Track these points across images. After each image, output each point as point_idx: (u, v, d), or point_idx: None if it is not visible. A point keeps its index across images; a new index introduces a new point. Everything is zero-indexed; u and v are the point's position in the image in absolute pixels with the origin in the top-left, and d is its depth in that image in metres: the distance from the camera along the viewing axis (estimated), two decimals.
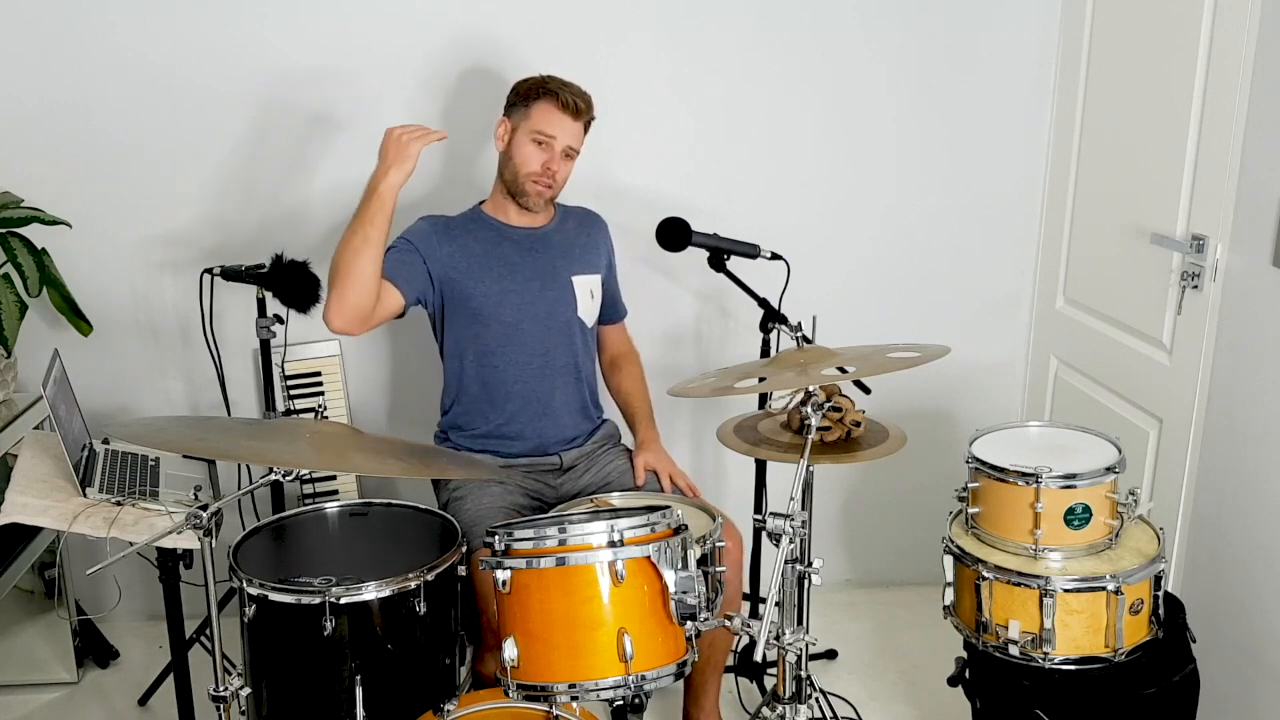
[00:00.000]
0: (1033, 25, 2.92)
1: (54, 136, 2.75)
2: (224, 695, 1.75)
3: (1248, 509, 2.23)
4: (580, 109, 2.35)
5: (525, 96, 2.36)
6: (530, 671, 1.71)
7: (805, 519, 1.82)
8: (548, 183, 2.37)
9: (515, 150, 2.36)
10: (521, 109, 2.36)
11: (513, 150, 2.37)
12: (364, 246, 2.16)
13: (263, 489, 2.36)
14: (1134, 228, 2.58)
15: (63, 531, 2.14)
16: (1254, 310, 2.20)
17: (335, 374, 2.90)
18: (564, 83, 2.36)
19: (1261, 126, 2.16)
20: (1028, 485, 2.01)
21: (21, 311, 2.58)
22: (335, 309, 2.18)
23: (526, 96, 2.35)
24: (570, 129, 2.35)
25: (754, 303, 2.53)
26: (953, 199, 3.04)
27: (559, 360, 2.46)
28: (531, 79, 2.38)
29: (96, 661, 2.87)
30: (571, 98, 2.33)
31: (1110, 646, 1.99)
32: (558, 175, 2.38)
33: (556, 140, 2.34)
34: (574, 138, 2.37)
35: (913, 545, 3.20)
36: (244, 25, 2.73)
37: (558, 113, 2.33)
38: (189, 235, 2.85)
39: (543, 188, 2.38)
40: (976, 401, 3.17)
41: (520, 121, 2.36)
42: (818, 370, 1.99)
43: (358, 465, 1.88)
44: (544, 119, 2.33)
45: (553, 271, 2.45)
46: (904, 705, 2.71)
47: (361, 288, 2.17)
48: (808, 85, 2.92)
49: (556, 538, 1.71)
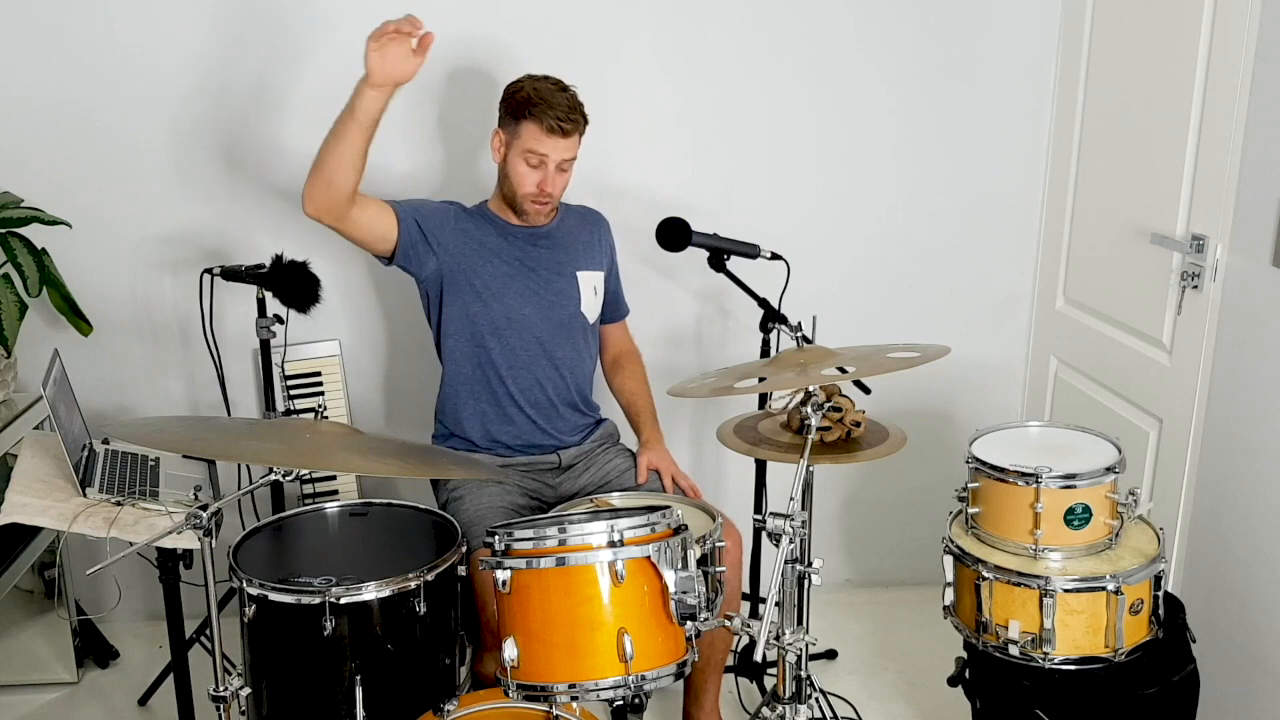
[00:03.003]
0: (1033, 26, 2.92)
1: (54, 136, 2.75)
2: (224, 695, 1.75)
3: (1248, 509, 2.23)
4: (567, 129, 2.30)
5: (513, 113, 2.31)
6: (530, 671, 1.71)
7: (805, 519, 1.82)
8: (544, 200, 2.37)
9: (510, 167, 2.35)
10: (511, 125, 2.33)
11: (508, 167, 2.35)
12: (334, 137, 2.08)
13: (263, 489, 2.36)
14: (1134, 228, 2.58)
15: (63, 531, 2.14)
16: (1254, 310, 2.20)
17: (335, 374, 2.90)
18: (549, 101, 2.28)
19: (1261, 126, 2.16)
20: (1028, 485, 2.01)
21: (21, 311, 2.58)
22: (307, 192, 2.13)
23: (515, 113, 2.31)
24: (561, 145, 2.31)
25: (754, 303, 2.53)
26: (953, 199, 3.04)
27: (556, 351, 2.46)
28: (518, 91, 2.32)
29: (96, 661, 2.87)
30: (556, 121, 2.27)
31: (1110, 646, 1.99)
32: (554, 192, 2.37)
33: (549, 158, 2.32)
34: (567, 151, 2.33)
35: (913, 545, 3.20)
36: (245, 27, 2.73)
37: (545, 136, 2.29)
38: (189, 235, 2.86)
39: (540, 206, 2.38)
40: (976, 401, 3.17)
41: (512, 139, 2.33)
42: (818, 370, 1.99)
43: (358, 465, 1.87)
44: (533, 140, 2.30)
45: (557, 265, 2.46)
46: (904, 705, 2.71)
47: (331, 176, 2.09)
48: (808, 85, 2.92)
49: (556, 538, 1.71)
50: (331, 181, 2.10)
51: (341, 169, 2.09)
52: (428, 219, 2.35)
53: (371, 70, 2.02)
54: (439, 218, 2.37)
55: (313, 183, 2.12)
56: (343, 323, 2.95)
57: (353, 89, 2.06)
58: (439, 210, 2.39)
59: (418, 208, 2.36)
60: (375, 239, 2.28)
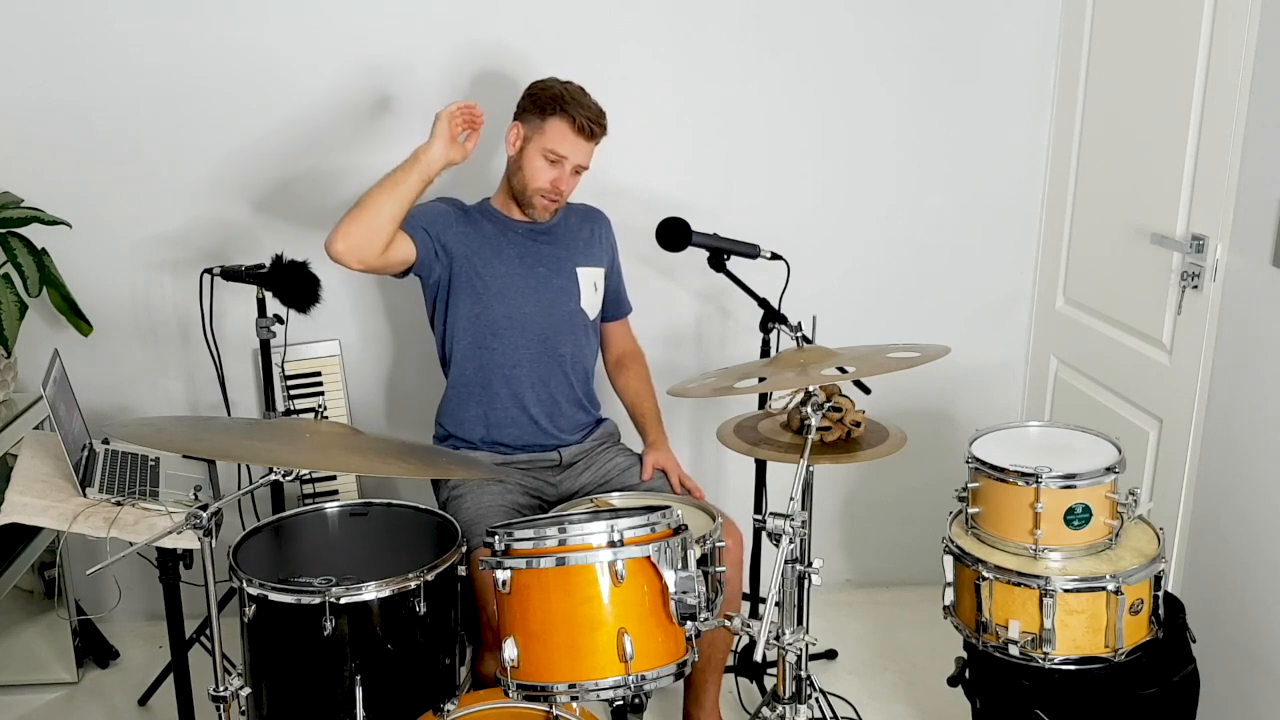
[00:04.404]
0: (1033, 26, 2.92)
1: (55, 136, 2.75)
2: (224, 695, 1.75)
3: (1248, 509, 2.23)
4: (594, 132, 2.33)
5: (541, 109, 2.32)
6: (530, 671, 1.71)
7: (805, 519, 1.82)
8: (554, 198, 2.38)
9: (526, 161, 2.35)
10: (535, 120, 2.33)
11: (523, 160, 2.36)
12: (388, 194, 2.16)
13: (263, 489, 2.36)
14: (1134, 228, 2.58)
15: (63, 531, 2.14)
16: (1254, 310, 2.20)
17: (335, 374, 2.90)
18: (581, 101, 2.31)
19: (1261, 126, 2.16)
20: (1028, 485, 2.01)
21: (21, 311, 2.58)
22: (340, 235, 2.15)
23: (542, 109, 2.32)
24: (583, 149, 2.34)
25: (754, 303, 2.53)
26: (953, 199, 3.04)
27: (558, 349, 2.46)
28: (549, 89, 2.34)
29: (96, 661, 2.87)
30: (587, 122, 2.30)
31: (1110, 646, 1.99)
32: (566, 191, 2.38)
33: (568, 160, 2.33)
34: (585, 156, 2.36)
35: (913, 545, 3.20)
36: (247, 27, 2.73)
37: (572, 135, 2.30)
38: (189, 235, 2.86)
39: (549, 202, 2.39)
40: (976, 401, 3.17)
41: (533, 133, 2.33)
42: (818, 370, 1.99)
43: (358, 465, 1.87)
44: (558, 138, 2.31)
45: (557, 261, 2.46)
46: (904, 705, 2.71)
47: (372, 229, 2.16)
48: (808, 85, 2.92)
49: (556, 538, 1.71)
50: (376, 228, 2.17)
51: (389, 219, 2.18)
52: (435, 227, 2.35)
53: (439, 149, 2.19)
54: (442, 222, 2.37)
55: (350, 229, 2.15)
56: (343, 323, 2.95)
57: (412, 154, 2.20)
58: (441, 215, 2.39)
59: (426, 220, 2.35)
60: (395, 265, 2.30)
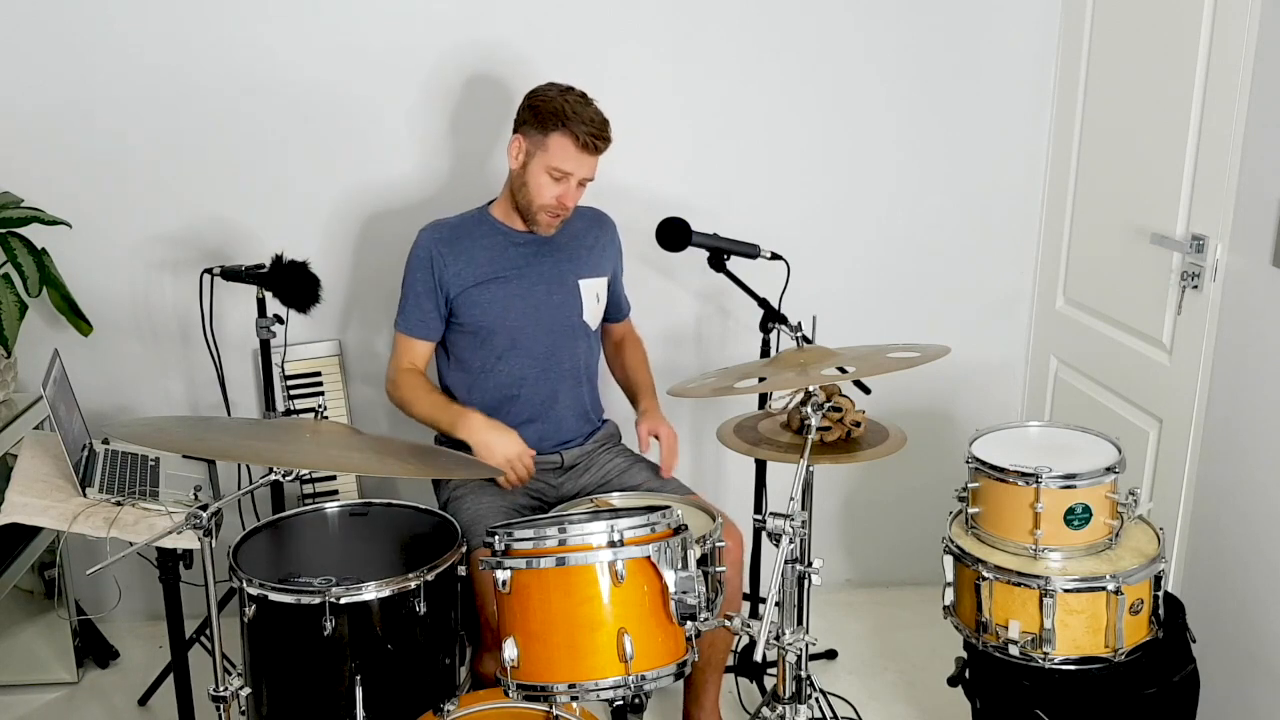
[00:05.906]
0: (1033, 25, 2.92)
1: (54, 136, 2.75)
2: (224, 695, 1.75)
3: (1248, 509, 2.23)
4: (598, 147, 2.27)
5: (542, 123, 2.26)
6: (530, 671, 1.71)
7: (805, 519, 1.82)
8: (560, 213, 2.35)
9: (530, 177, 2.30)
10: (537, 135, 2.27)
11: (527, 177, 2.30)
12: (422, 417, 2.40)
13: (263, 489, 2.36)
14: (1134, 228, 2.58)
15: (63, 531, 2.14)
16: (1254, 310, 2.20)
17: (335, 374, 2.90)
18: (582, 115, 2.24)
19: (1261, 126, 2.16)
20: (1028, 485, 2.01)
21: (21, 311, 2.58)
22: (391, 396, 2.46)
23: (544, 124, 2.26)
24: (588, 164, 2.29)
25: (754, 303, 2.53)
26: (953, 199, 3.04)
27: (563, 364, 2.45)
28: (550, 101, 2.27)
29: (96, 661, 2.87)
30: (590, 138, 2.24)
31: (1110, 646, 1.99)
32: (571, 206, 2.34)
33: (573, 176, 2.29)
34: (590, 170, 2.31)
35: (913, 545, 3.20)
36: (247, 27, 2.73)
37: (575, 152, 2.25)
38: (189, 235, 2.85)
39: (554, 219, 2.36)
40: (976, 401, 3.17)
41: (536, 149, 2.28)
42: (818, 370, 1.99)
43: (358, 465, 1.87)
44: (561, 156, 2.26)
45: (559, 276, 2.43)
46: (904, 705, 2.71)
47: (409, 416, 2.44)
48: (808, 85, 2.92)
49: (556, 538, 1.71)
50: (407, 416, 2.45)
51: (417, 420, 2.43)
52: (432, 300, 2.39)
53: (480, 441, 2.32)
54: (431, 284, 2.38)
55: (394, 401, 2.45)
56: (343, 323, 2.95)
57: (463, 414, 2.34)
58: (428, 277, 2.37)
59: (422, 302, 2.38)
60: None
